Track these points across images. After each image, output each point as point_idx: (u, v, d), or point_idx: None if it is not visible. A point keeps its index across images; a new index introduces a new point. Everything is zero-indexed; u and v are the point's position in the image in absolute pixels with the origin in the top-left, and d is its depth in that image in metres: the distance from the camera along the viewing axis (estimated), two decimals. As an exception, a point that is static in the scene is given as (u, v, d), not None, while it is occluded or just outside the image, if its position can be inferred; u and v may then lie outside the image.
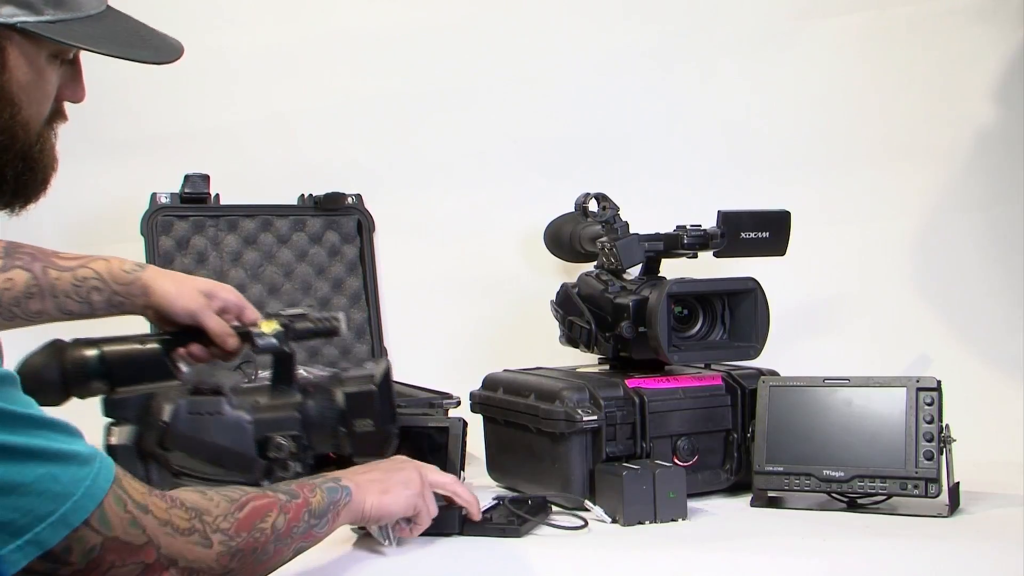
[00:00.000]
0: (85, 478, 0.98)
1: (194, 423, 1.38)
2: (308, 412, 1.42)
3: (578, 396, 1.63)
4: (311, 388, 1.44)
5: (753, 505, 1.64)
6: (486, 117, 2.30)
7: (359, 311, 2.16)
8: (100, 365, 1.43)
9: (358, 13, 2.31)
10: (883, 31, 2.28)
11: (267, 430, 1.39)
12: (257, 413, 1.40)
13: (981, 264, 2.21)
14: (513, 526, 1.46)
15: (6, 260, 1.42)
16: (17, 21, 1.10)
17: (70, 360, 1.43)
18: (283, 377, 1.44)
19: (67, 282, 1.44)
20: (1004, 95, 2.24)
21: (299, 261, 2.14)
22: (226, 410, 1.39)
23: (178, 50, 1.24)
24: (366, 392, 1.43)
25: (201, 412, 1.39)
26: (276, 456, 1.39)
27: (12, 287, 1.41)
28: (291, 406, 1.42)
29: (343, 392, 1.43)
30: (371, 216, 2.21)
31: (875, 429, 1.58)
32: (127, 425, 1.39)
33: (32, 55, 1.13)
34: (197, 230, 2.07)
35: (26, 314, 1.43)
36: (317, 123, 2.29)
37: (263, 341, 1.43)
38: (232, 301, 1.50)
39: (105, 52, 1.16)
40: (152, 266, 1.50)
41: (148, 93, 2.20)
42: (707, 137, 2.29)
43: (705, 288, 1.76)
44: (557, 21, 2.30)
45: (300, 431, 1.41)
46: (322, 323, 1.48)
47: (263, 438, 1.39)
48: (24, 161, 1.16)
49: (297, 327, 1.46)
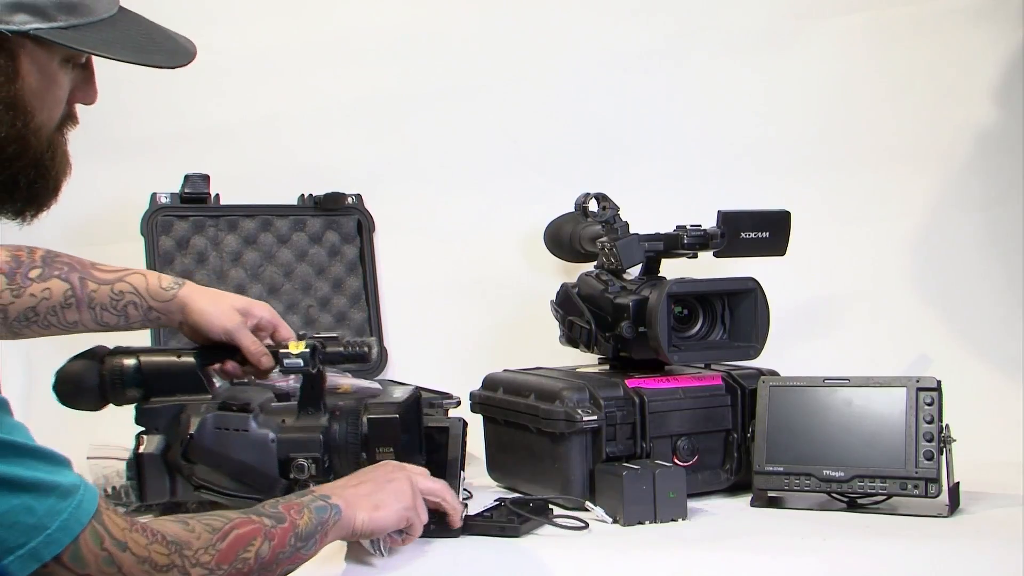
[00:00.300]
0: (62, 511, 0.96)
1: (219, 437, 1.40)
2: (333, 436, 1.42)
3: (578, 396, 1.63)
4: (338, 412, 1.43)
5: (753, 505, 1.64)
6: (486, 117, 2.30)
7: (359, 311, 2.16)
8: (137, 374, 1.45)
9: (358, 13, 2.31)
10: (883, 31, 2.28)
11: (291, 451, 1.40)
12: (282, 433, 1.41)
13: (981, 264, 2.21)
14: (513, 525, 1.46)
15: (44, 269, 1.43)
16: (30, 28, 1.10)
17: (108, 368, 1.46)
18: (310, 398, 1.44)
19: (104, 295, 1.45)
20: (1004, 95, 2.24)
21: (299, 261, 2.14)
22: (252, 427, 1.41)
23: (191, 52, 1.24)
24: (388, 420, 1.42)
25: (227, 427, 1.41)
26: (297, 477, 1.40)
27: (50, 296, 1.42)
28: (316, 428, 1.42)
29: (367, 418, 1.42)
30: (371, 216, 2.21)
31: (875, 429, 1.58)
32: (157, 435, 1.42)
33: (44, 61, 1.14)
34: (197, 230, 2.08)
35: (62, 324, 1.45)
36: (317, 123, 2.29)
37: (289, 361, 1.42)
38: (267, 319, 1.50)
39: (118, 58, 1.16)
40: (190, 283, 1.51)
41: (148, 93, 2.19)
42: (707, 137, 2.29)
43: (705, 288, 1.76)
44: (557, 21, 2.30)
45: (323, 454, 1.41)
46: (352, 348, 1.47)
47: (286, 458, 1.40)
48: (36, 168, 1.16)
49: (327, 350, 1.45)
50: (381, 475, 1.34)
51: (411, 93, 2.29)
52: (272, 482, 1.40)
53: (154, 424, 1.44)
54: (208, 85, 2.24)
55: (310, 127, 2.29)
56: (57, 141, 1.19)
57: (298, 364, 1.42)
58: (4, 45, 1.10)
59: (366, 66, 2.29)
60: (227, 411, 1.41)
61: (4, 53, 1.10)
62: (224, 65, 2.23)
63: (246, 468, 1.40)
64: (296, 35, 2.30)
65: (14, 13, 1.09)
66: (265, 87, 2.28)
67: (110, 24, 1.17)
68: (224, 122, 2.27)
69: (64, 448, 1.76)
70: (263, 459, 1.40)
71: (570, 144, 2.29)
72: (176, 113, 2.26)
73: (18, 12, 1.09)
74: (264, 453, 1.40)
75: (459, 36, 2.30)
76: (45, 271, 1.42)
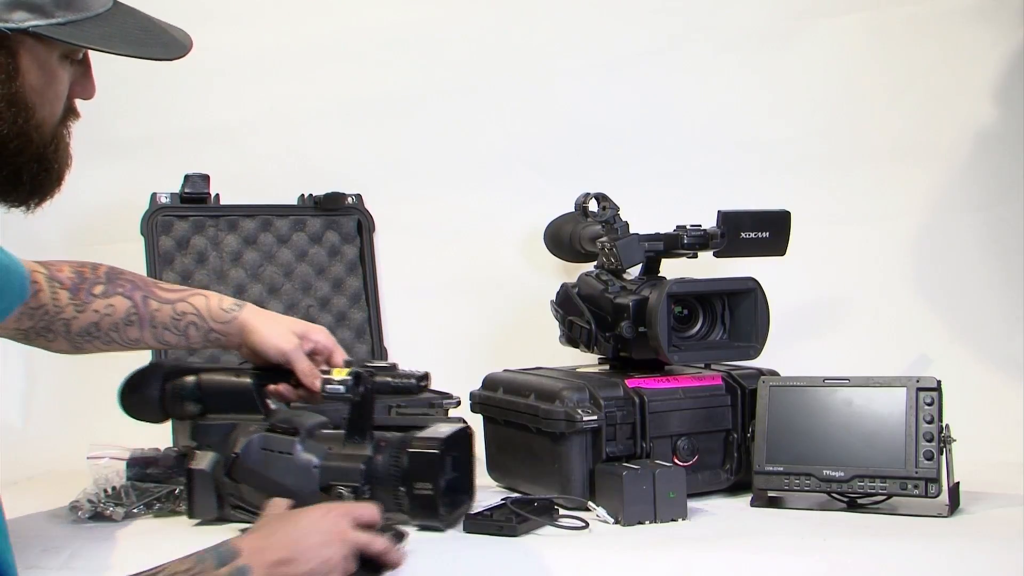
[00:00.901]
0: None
1: (263, 459, 1.41)
2: (375, 467, 1.39)
3: (578, 396, 1.63)
4: (384, 443, 1.41)
5: (753, 505, 1.64)
6: (486, 117, 2.30)
7: (359, 311, 2.16)
8: (196, 391, 1.49)
9: (358, 13, 2.30)
10: (883, 31, 2.28)
11: (332, 478, 1.39)
12: (327, 460, 1.40)
13: (981, 264, 2.21)
14: (511, 524, 1.46)
15: (108, 286, 1.46)
16: (29, 26, 1.11)
17: (170, 384, 1.49)
18: (356, 427, 1.42)
19: (166, 314, 1.48)
20: (1004, 95, 2.24)
21: (299, 261, 2.14)
22: (297, 451, 1.40)
23: (187, 45, 1.25)
24: (429, 456, 1.38)
25: (272, 449, 1.42)
26: None
27: (112, 313, 1.45)
28: (359, 458, 1.40)
29: (408, 452, 1.39)
30: (371, 216, 2.21)
31: (875, 429, 1.58)
32: (209, 452, 1.45)
33: (44, 58, 1.14)
34: (197, 230, 2.07)
35: (124, 340, 1.48)
36: (317, 123, 2.29)
37: (331, 387, 1.40)
38: (323, 343, 1.51)
39: (117, 52, 1.17)
40: (250, 305, 1.53)
41: (148, 93, 2.19)
42: (707, 137, 2.29)
43: (705, 288, 1.76)
44: (557, 21, 2.30)
45: (363, 484, 1.39)
46: (402, 379, 1.44)
47: (327, 485, 1.39)
48: (39, 162, 1.18)
49: (376, 379, 1.42)
50: (304, 530, 1.17)
51: (411, 93, 2.29)
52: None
53: (207, 441, 1.47)
54: (208, 85, 2.25)
55: (310, 127, 2.29)
56: (60, 135, 1.21)
57: (338, 390, 1.40)
58: (3, 43, 1.11)
59: (366, 66, 2.29)
60: (274, 433, 1.42)
61: (4, 51, 1.11)
62: (224, 65, 2.24)
63: (287, 492, 1.37)
64: (296, 35, 2.29)
65: (13, 10, 1.10)
66: (265, 87, 2.28)
67: (106, 18, 1.18)
68: (224, 122, 2.27)
69: (64, 448, 1.76)
70: (304, 484, 1.39)
71: (570, 144, 2.29)
72: (176, 113, 2.26)
73: (17, 9, 1.10)
74: (306, 478, 1.39)
75: (459, 36, 2.30)
76: (108, 288, 1.46)
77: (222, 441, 1.44)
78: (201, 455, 1.46)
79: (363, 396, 1.39)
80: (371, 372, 1.42)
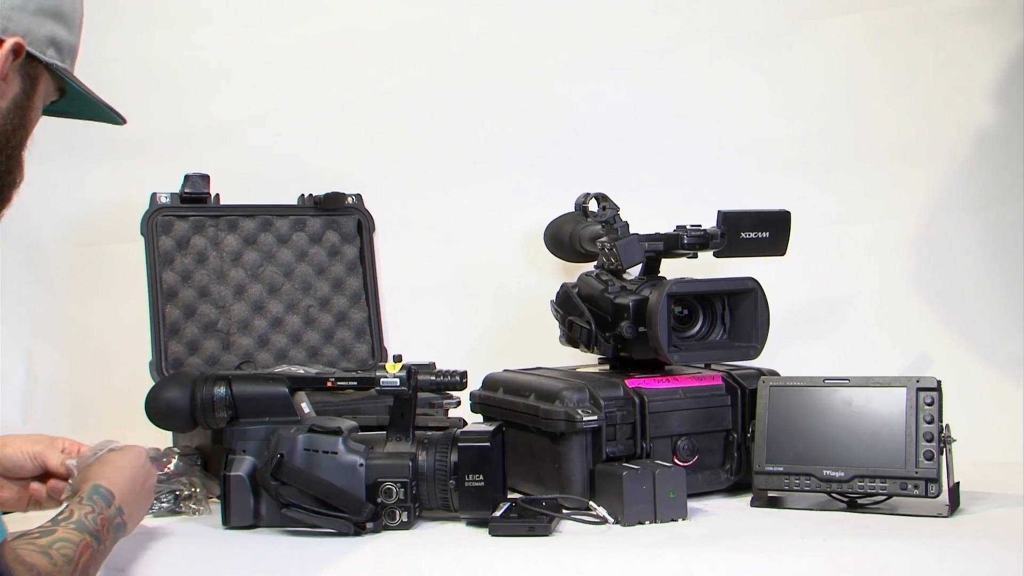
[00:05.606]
0: None
1: (309, 459, 1.47)
2: (420, 463, 1.49)
3: (578, 396, 1.63)
4: (426, 441, 1.51)
5: (753, 505, 1.64)
6: (486, 117, 2.29)
7: (359, 311, 2.15)
8: (228, 398, 1.53)
9: (358, 13, 2.30)
10: (883, 31, 2.28)
11: (379, 476, 1.47)
12: (370, 458, 1.48)
13: (981, 264, 2.21)
14: (543, 524, 1.47)
15: None
16: (54, 64, 1.16)
17: (199, 392, 1.53)
18: (399, 424, 1.51)
19: None
20: (1004, 95, 2.24)
21: (299, 261, 2.14)
22: (341, 450, 1.48)
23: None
24: (481, 449, 1.50)
25: (317, 449, 1.48)
26: (384, 502, 1.47)
27: None
28: (404, 455, 1.49)
29: (459, 447, 1.49)
30: (371, 216, 2.20)
31: (875, 429, 1.58)
32: (245, 456, 1.50)
33: (47, 94, 1.20)
34: (197, 230, 2.07)
35: None
36: (317, 123, 2.29)
37: (387, 380, 1.50)
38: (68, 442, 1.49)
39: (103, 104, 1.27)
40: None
41: (148, 93, 2.19)
42: (707, 137, 2.29)
43: (705, 288, 1.76)
44: (557, 21, 2.30)
45: (411, 479, 1.47)
46: (445, 376, 1.55)
47: (374, 483, 1.47)
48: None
49: (420, 377, 1.54)
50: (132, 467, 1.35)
51: (411, 93, 2.29)
52: (359, 505, 1.46)
53: (242, 446, 1.51)
54: (208, 85, 2.24)
55: (310, 127, 2.29)
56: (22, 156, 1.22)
57: (394, 384, 1.50)
58: (31, 72, 1.15)
59: (366, 66, 2.29)
60: (316, 433, 1.48)
61: (30, 80, 1.16)
62: (224, 65, 2.24)
63: (334, 490, 1.45)
64: (296, 35, 2.29)
65: (48, 47, 1.15)
66: (265, 87, 2.28)
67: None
68: (224, 122, 2.27)
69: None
70: (351, 482, 1.47)
71: (570, 144, 2.29)
72: (176, 113, 2.26)
73: (50, 47, 1.16)
74: (352, 476, 1.47)
75: (459, 36, 2.30)
76: None
77: (260, 446, 1.49)
78: (238, 460, 1.50)
79: (412, 392, 1.49)
80: (416, 368, 1.52)
